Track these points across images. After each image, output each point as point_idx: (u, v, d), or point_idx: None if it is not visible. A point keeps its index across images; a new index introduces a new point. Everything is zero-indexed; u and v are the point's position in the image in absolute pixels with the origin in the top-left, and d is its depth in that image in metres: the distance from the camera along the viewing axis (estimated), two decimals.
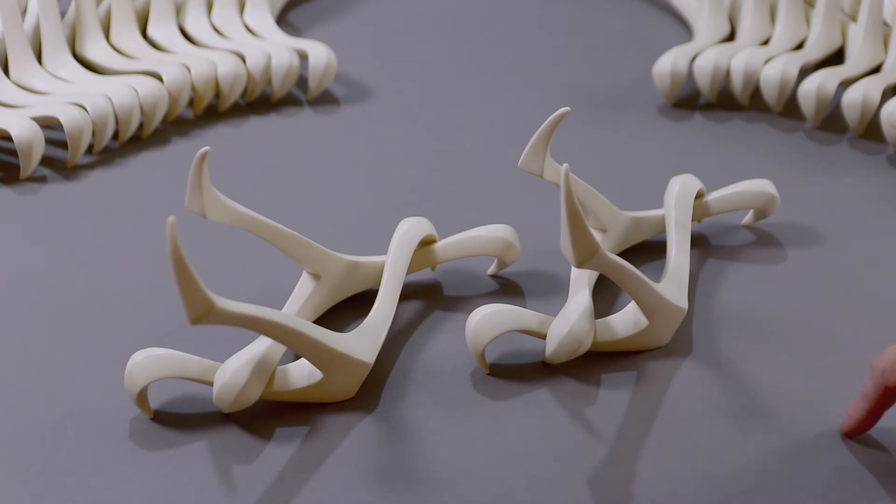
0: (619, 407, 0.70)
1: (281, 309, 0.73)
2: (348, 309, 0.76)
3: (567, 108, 0.74)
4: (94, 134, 0.92)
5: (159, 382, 0.68)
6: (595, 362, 0.73)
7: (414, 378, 0.72)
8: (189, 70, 0.98)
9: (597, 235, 0.74)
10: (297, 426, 0.68)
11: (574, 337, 0.70)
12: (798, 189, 0.89)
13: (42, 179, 0.91)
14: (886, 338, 0.74)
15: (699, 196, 0.83)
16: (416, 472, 0.65)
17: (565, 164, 0.60)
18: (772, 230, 0.84)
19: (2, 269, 0.81)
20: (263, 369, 0.67)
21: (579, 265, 0.62)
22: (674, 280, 0.74)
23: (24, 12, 1.00)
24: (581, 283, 0.74)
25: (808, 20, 1.08)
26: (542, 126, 0.74)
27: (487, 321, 0.70)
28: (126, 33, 1.03)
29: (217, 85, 0.98)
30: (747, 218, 0.85)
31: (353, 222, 0.86)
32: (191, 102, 0.99)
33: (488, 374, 0.72)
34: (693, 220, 0.82)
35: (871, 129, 0.97)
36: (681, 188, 0.81)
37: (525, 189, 0.89)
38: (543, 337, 0.72)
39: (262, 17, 1.07)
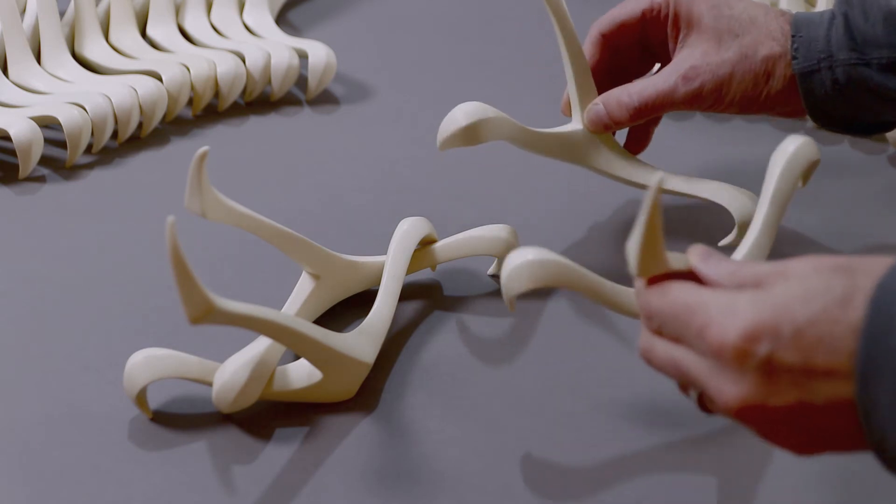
0: (621, 407, 0.70)
1: (281, 309, 0.73)
2: (348, 309, 0.76)
3: None
4: (93, 133, 0.92)
5: (159, 382, 0.68)
6: (598, 362, 0.73)
7: (414, 378, 0.72)
8: (188, 70, 0.97)
9: None
10: (297, 426, 0.68)
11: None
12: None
13: (41, 179, 0.90)
14: None
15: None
16: (416, 472, 0.65)
17: (660, 174, 0.55)
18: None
19: (1, 269, 0.81)
20: (263, 369, 0.67)
21: (640, 274, 0.56)
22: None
23: (22, 12, 1.00)
24: None
25: None
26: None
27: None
28: (125, 33, 1.03)
29: (216, 84, 0.98)
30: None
31: (353, 222, 0.86)
32: (190, 102, 0.99)
33: (488, 374, 0.72)
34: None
35: None
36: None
37: (525, 189, 0.89)
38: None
39: (261, 16, 1.07)
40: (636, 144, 0.83)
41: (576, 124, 0.80)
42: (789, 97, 0.76)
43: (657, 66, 0.82)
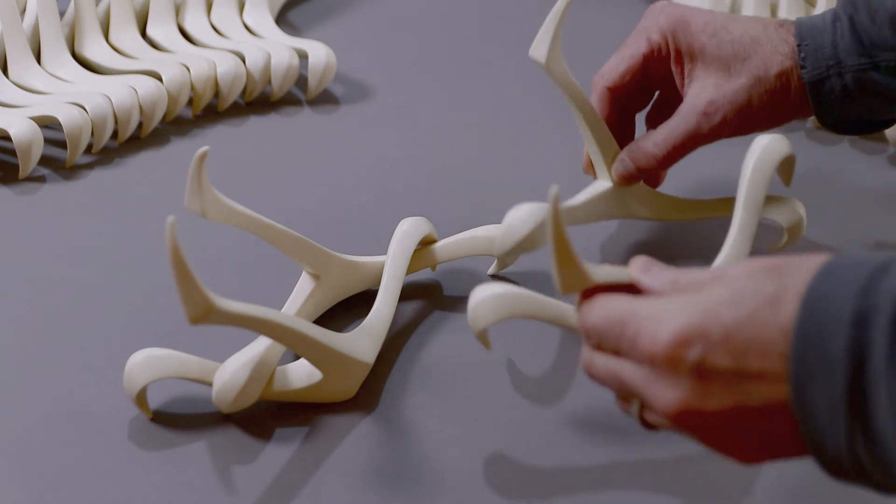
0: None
1: (281, 309, 0.73)
2: (348, 309, 0.76)
3: None
4: (93, 133, 0.92)
5: (159, 382, 0.68)
6: None
7: (414, 378, 0.72)
8: (188, 70, 0.97)
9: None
10: (297, 426, 0.68)
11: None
12: (798, 189, 0.89)
13: (41, 179, 0.90)
14: None
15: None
16: (416, 472, 0.65)
17: (554, 187, 0.53)
18: (772, 231, 0.84)
19: (0, 269, 0.81)
20: (263, 369, 0.67)
21: (563, 291, 0.56)
22: None
23: (22, 12, 1.00)
24: None
25: None
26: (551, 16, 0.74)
27: (490, 304, 0.68)
28: (125, 33, 1.03)
29: (216, 84, 0.98)
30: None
31: (353, 222, 0.86)
32: (190, 102, 0.99)
33: (487, 373, 0.72)
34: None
35: None
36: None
37: (525, 189, 0.89)
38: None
39: (261, 16, 1.07)
40: (654, 181, 0.81)
41: (603, 181, 0.79)
42: (805, 104, 0.75)
43: (657, 92, 0.81)
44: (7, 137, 0.89)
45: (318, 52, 1.01)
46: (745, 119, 0.75)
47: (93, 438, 0.67)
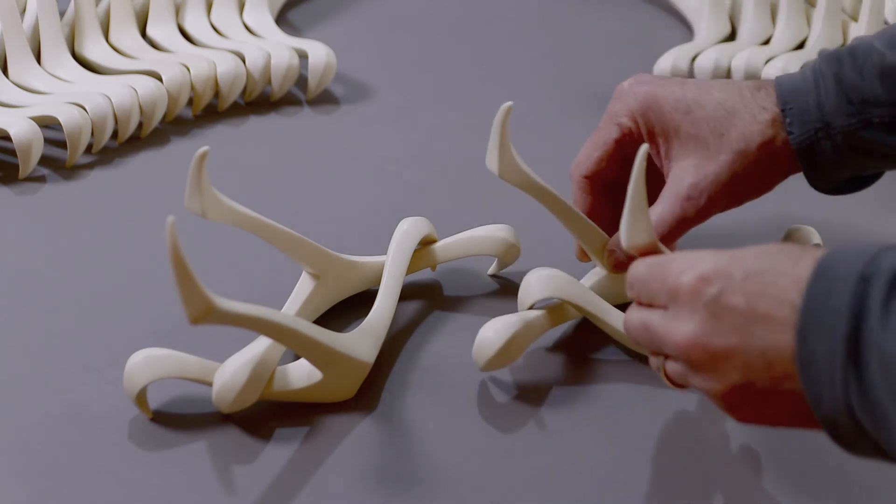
0: (621, 407, 0.70)
1: (281, 309, 0.73)
2: (348, 309, 0.76)
3: (510, 103, 0.70)
4: (93, 133, 0.92)
5: (159, 382, 0.68)
6: (598, 362, 0.73)
7: (414, 378, 0.72)
8: (188, 70, 0.97)
9: None
10: (297, 426, 0.68)
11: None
12: (798, 189, 0.89)
13: (41, 179, 0.90)
14: None
15: None
16: (416, 472, 0.65)
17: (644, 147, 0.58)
18: (772, 231, 0.84)
19: (1, 269, 0.81)
20: (263, 369, 0.67)
21: (628, 243, 0.62)
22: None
23: (22, 12, 1.00)
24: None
25: (809, 20, 1.08)
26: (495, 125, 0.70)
27: None
28: (125, 33, 1.03)
29: (216, 84, 0.98)
30: None
31: (353, 222, 0.86)
32: (190, 102, 0.99)
33: (487, 374, 0.72)
34: None
35: None
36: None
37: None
38: None
39: (261, 16, 1.07)
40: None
41: (601, 269, 0.76)
42: (793, 164, 0.73)
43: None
44: (7, 137, 0.89)
45: (318, 52, 1.01)
46: (732, 195, 0.72)
47: (93, 438, 0.67)
